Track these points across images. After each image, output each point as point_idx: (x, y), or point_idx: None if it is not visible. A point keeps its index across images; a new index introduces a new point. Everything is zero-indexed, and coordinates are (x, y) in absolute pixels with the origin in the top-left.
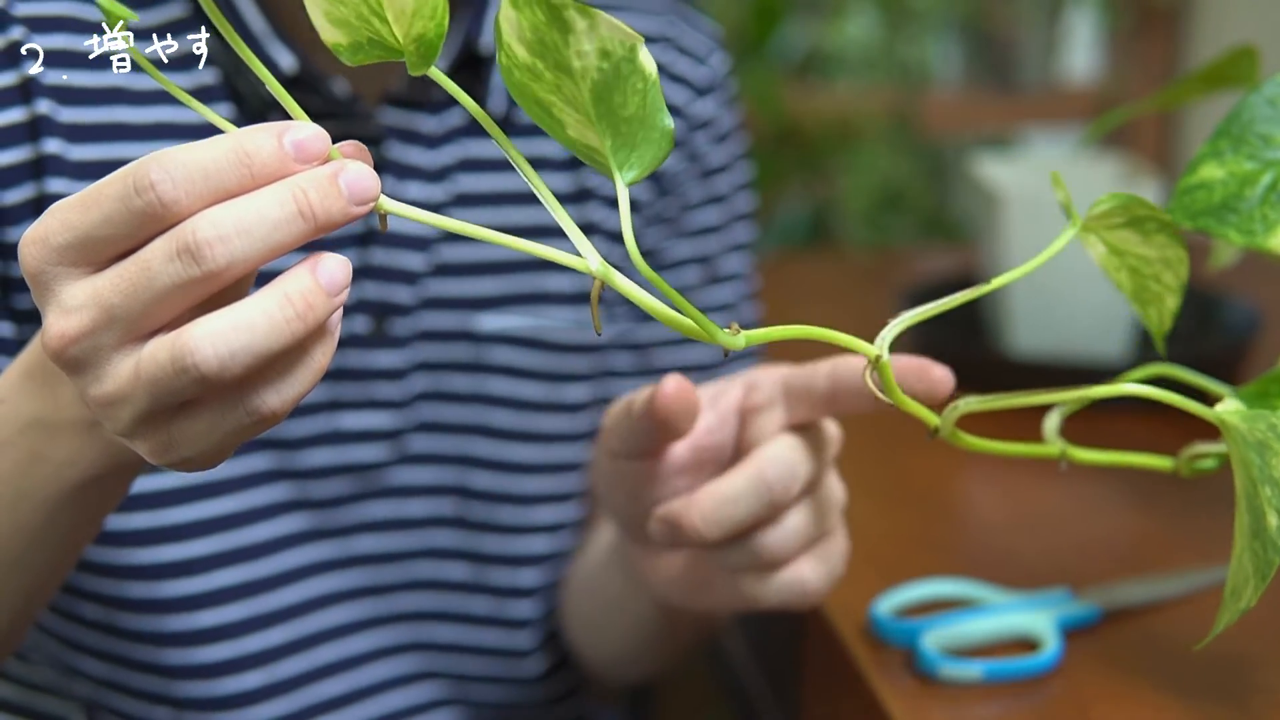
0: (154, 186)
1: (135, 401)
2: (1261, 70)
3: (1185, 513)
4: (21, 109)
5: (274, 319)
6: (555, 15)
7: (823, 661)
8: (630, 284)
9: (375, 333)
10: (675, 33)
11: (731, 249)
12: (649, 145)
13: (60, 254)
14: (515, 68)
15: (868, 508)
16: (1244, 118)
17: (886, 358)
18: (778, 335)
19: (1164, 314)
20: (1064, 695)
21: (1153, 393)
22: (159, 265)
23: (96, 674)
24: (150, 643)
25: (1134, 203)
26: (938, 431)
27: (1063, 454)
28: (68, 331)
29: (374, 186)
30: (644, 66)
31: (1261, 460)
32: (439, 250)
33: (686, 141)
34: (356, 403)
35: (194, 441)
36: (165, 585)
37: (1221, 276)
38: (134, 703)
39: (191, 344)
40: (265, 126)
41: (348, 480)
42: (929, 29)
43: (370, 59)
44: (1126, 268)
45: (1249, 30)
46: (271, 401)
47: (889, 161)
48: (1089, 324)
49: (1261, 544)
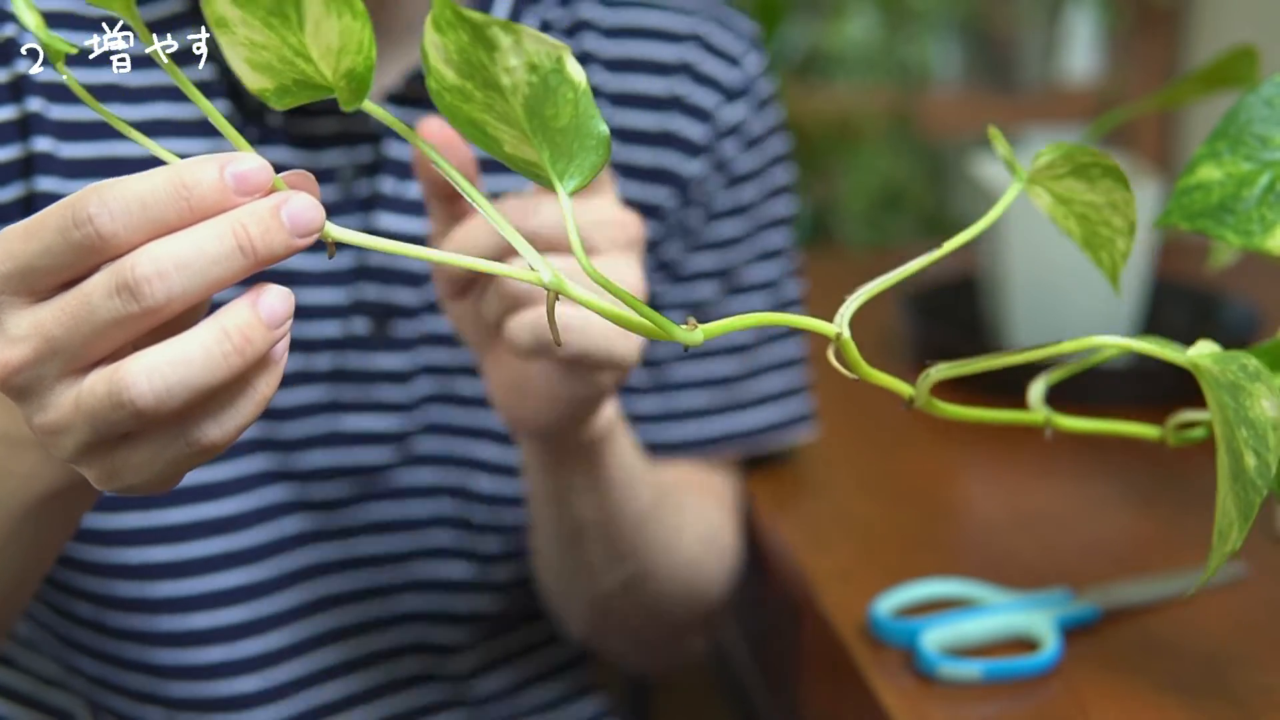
0: (92, 220)
1: (76, 432)
2: (1261, 70)
3: (1185, 513)
4: (12, 107)
5: (211, 353)
6: (479, 34)
7: (823, 661)
8: (584, 291)
9: (376, 334)
10: (705, 31)
11: (759, 258)
12: (586, 153)
13: (4, 283)
14: (445, 91)
15: (868, 508)
16: (1241, 118)
17: (846, 335)
18: (734, 325)
19: (1116, 256)
20: (1063, 695)
21: (1129, 344)
22: (99, 300)
23: (91, 672)
24: (140, 642)
25: (1076, 151)
26: (913, 402)
27: (1047, 421)
28: (11, 361)
29: (317, 218)
30: (572, 76)
31: (1235, 402)
32: None
33: (713, 148)
34: (358, 405)
35: (137, 470)
36: (156, 585)
37: (1220, 276)
38: (127, 702)
39: (128, 379)
40: (207, 158)
41: (349, 482)
42: (929, 29)
43: (299, 100)
44: (1074, 215)
45: (1249, 30)
46: (212, 433)
47: (889, 161)
48: (1087, 322)
49: (1242, 485)
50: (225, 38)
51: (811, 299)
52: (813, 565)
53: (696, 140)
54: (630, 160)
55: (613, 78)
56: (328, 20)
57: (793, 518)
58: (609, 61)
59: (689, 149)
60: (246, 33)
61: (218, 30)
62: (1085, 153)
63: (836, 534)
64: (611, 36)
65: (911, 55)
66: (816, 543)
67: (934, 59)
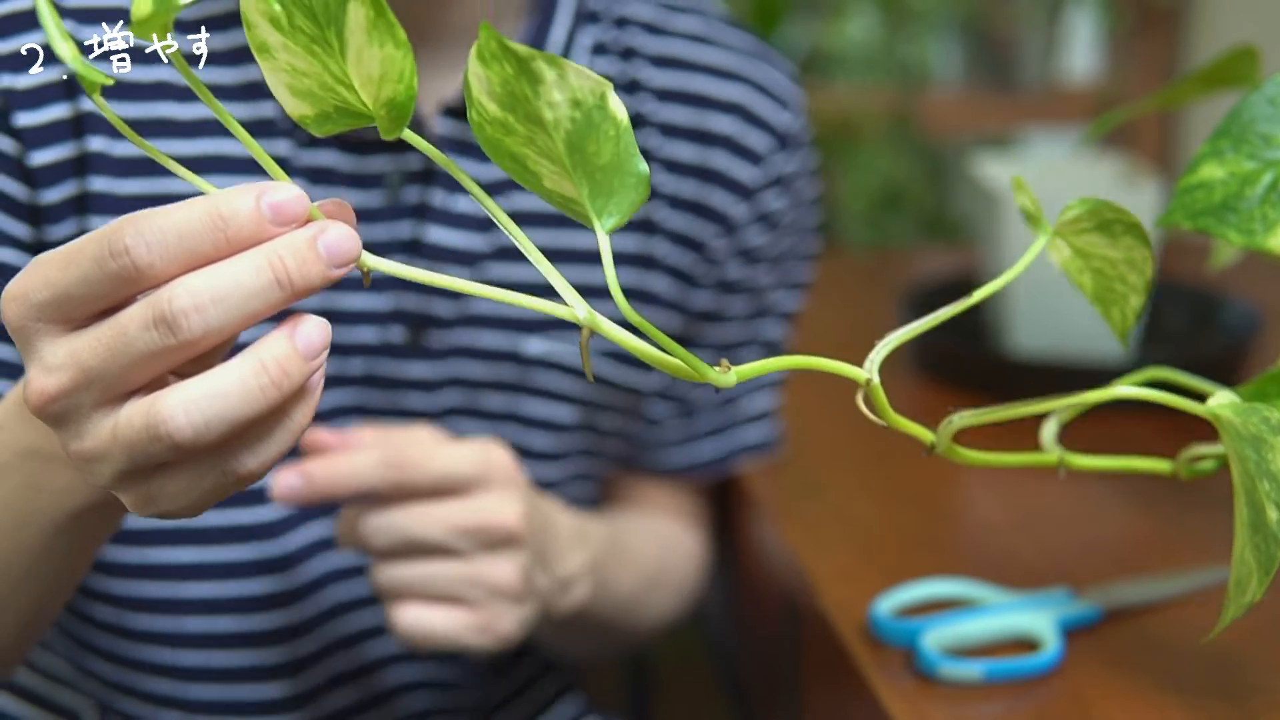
0: (129, 251)
1: (113, 461)
2: (1261, 70)
3: (1185, 512)
4: (66, 105)
5: (249, 386)
6: (524, 68)
7: (823, 661)
8: (617, 329)
9: (411, 343)
10: (755, 71)
11: (785, 287)
12: (625, 191)
13: (40, 310)
14: (486, 123)
15: (868, 508)
16: (1244, 117)
17: (876, 381)
18: (766, 368)
19: (1128, 313)
20: (1064, 695)
21: (1146, 394)
22: (135, 332)
23: (106, 675)
24: (165, 644)
25: (1102, 207)
26: (934, 448)
27: (1061, 461)
28: (48, 389)
29: (354, 248)
30: (615, 113)
31: (1257, 455)
32: (487, 267)
33: (760, 194)
34: (384, 410)
35: (173, 498)
36: (185, 586)
37: (1221, 276)
38: (143, 706)
39: (165, 413)
40: (244, 188)
41: None
42: (929, 29)
43: (339, 128)
44: (1091, 270)
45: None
46: (249, 463)
47: (889, 161)
48: (1089, 324)
49: (1263, 538)
50: (267, 64)
51: (812, 299)
52: (813, 565)
53: (746, 183)
54: (676, 192)
55: (661, 107)
56: (370, 49)
57: (793, 518)
58: (658, 91)
59: (739, 190)
60: (288, 59)
61: (260, 56)
62: (1110, 209)
63: (836, 534)
64: (660, 66)
65: (911, 55)
66: (816, 543)
67: (934, 59)
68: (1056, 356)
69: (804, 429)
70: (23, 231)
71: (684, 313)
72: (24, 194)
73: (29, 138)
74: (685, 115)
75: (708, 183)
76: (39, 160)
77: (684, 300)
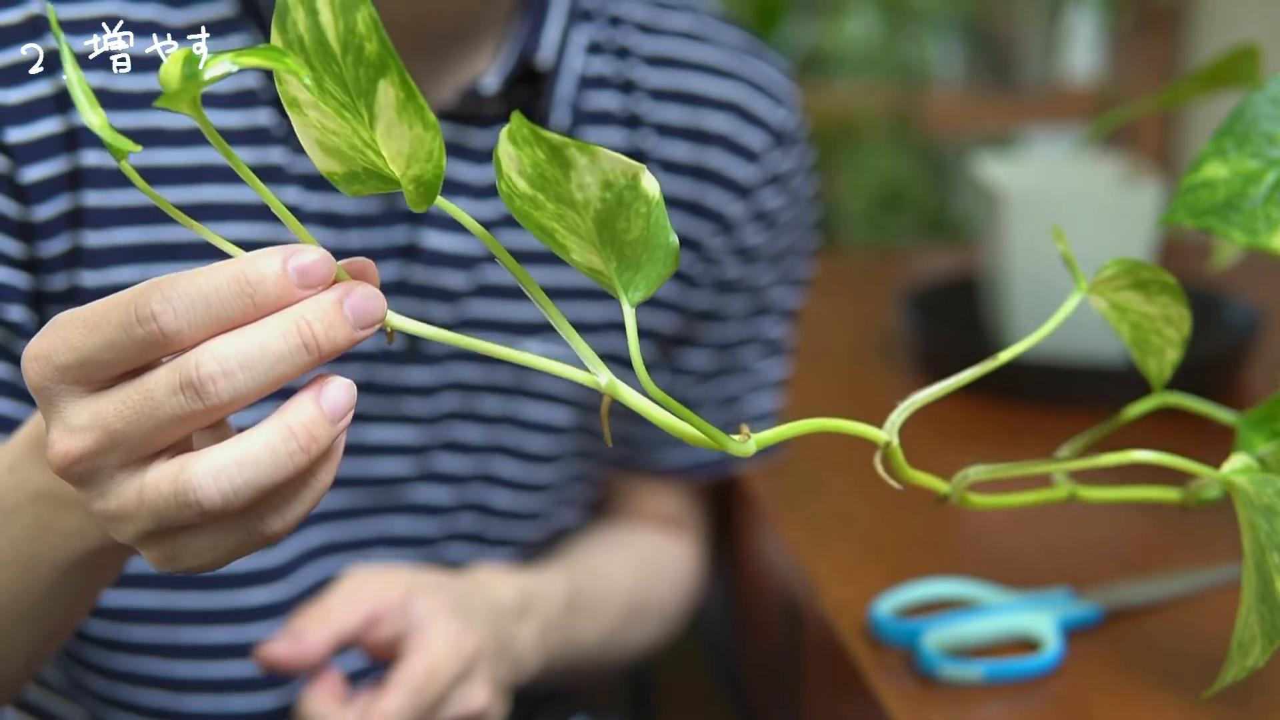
0: (156, 318)
1: (139, 522)
2: (1263, 69)
3: (1186, 513)
4: (58, 119)
5: (278, 453)
6: (556, 154)
7: (823, 662)
8: (637, 397)
9: (408, 348)
10: (750, 69)
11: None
12: (654, 265)
13: (62, 373)
14: (516, 197)
15: (868, 508)
16: (1248, 116)
17: (895, 443)
18: (788, 434)
19: (1164, 365)
20: (1065, 695)
21: (1160, 459)
22: (162, 397)
23: (99, 690)
24: (161, 655)
25: (1138, 267)
26: (947, 499)
27: (1071, 497)
28: (71, 451)
29: (380, 308)
30: (647, 191)
31: (1269, 525)
32: (483, 271)
33: (756, 192)
34: (383, 416)
35: (197, 555)
36: (180, 596)
37: (1222, 276)
38: (137, 719)
39: (195, 480)
40: (270, 252)
41: (367, 492)
42: (929, 29)
43: (367, 190)
44: (1128, 322)
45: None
46: (274, 524)
47: (889, 161)
48: (1089, 324)
49: (1269, 608)
50: (297, 118)
51: (812, 299)
52: (813, 565)
53: (742, 181)
54: (672, 191)
55: (657, 106)
56: (399, 127)
57: (793, 518)
58: (653, 90)
59: (735, 189)
60: (318, 117)
61: (290, 110)
62: (1147, 269)
63: (836, 534)
64: (654, 65)
65: (912, 55)
66: (816, 543)
67: (934, 59)
68: (1057, 357)
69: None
70: (14, 248)
71: (683, 313)
72: (16, 211)
73: (20, 153)
74: (680, 114)
75: (704, 182)
76: (30, 177)
77: (683, 300)
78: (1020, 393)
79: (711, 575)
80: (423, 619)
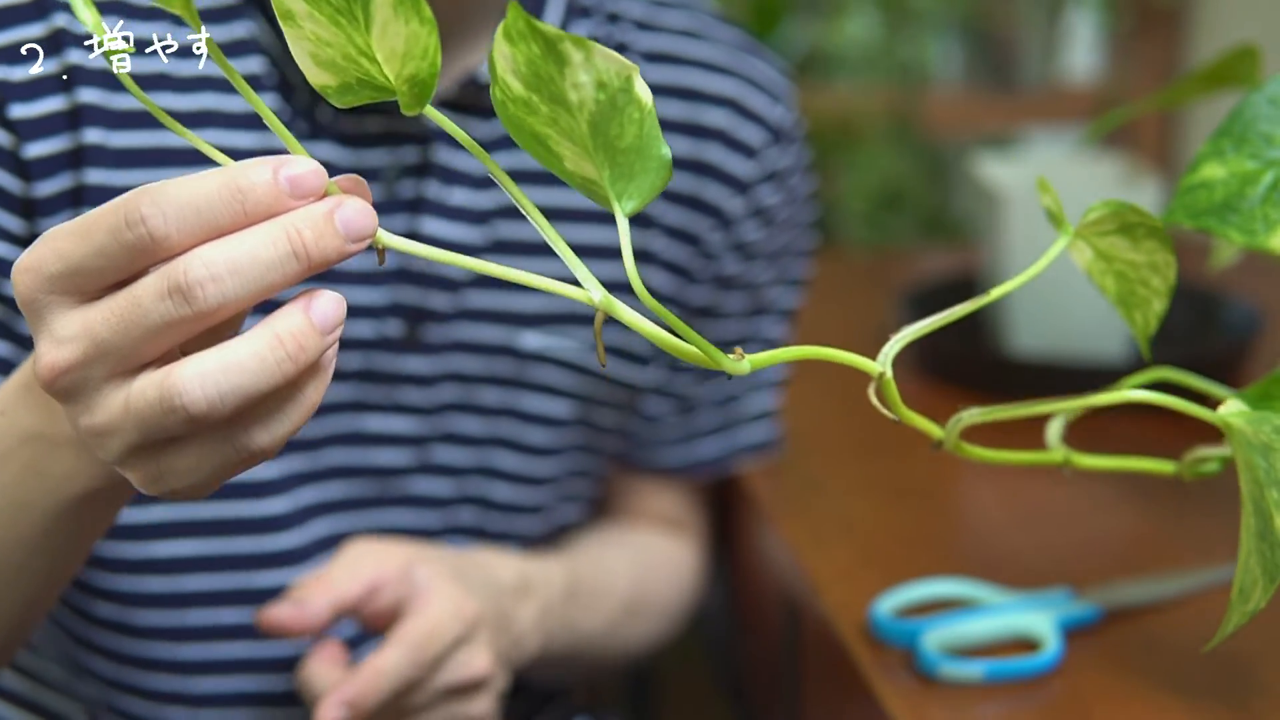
0: (145, 221)
1: (124, 434)
2: (1262, 70)
3: (1186, 512)
4: (62, 98)
5: (265, 360)
6: (551, 48)
7: (823, 661)
8: (633, 313)
9: (408, 337)
10: (746, 65)
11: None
12: (646, 175)
13: (52, 283)
14: (510, 101)
15: (868, 508)
16: (1246, 116)
17: (889, 374)
18: (781, 357)
19: (1150, 317)
20: (1065, 695)
21: (1155, 398)
22: (150, 303)
23: (106, 674)
24: (168, 638)
25: (1125, 209)
26: (942, 444)
27: (1066, 460)
28: (58, 363)
29: (371, 223)
30: (640, 96)
31: (1267, 463)
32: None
33: (755, 189)
34: (381, 406)
35: (183, 475)
36: (187, 579)
37: (1221, 276)
38: (146, 703)
39: (180, 385)
40: (260, 161)
41: (367, 483)
42: (929, 29)
43: (360, 100)
44: (1113, 272)
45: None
46: (261, 439)
47: (889, 161)
48: (1089, 324)
49: (1269, 545)
50: (291, 31)
51: (812, 299)
52: (813, 565)
53: (741, 176)
54: (671, 186)
55: (654, 102)
56: (395, 24)
57: (793, 518)
58: (651, 87)
59: (734, 184)
60: (313, 28)
61: (284, 23)
62: (1133, 212)
63: (836, 534)
64: (652, 61)
65: (912, 55)
66: (816, 543)
67: (934, 59)
68: (1057, 356)
69: (804, 429)
70: (16, 225)
71: (682, 308)
72: (18, 187)
73: (24, 130)
74: (678, 110)
75: (702, 176)
76: (34, 153)
77: (681, 295)
78: (1021, 393)
79: (711, 575)
80: (424, 584)
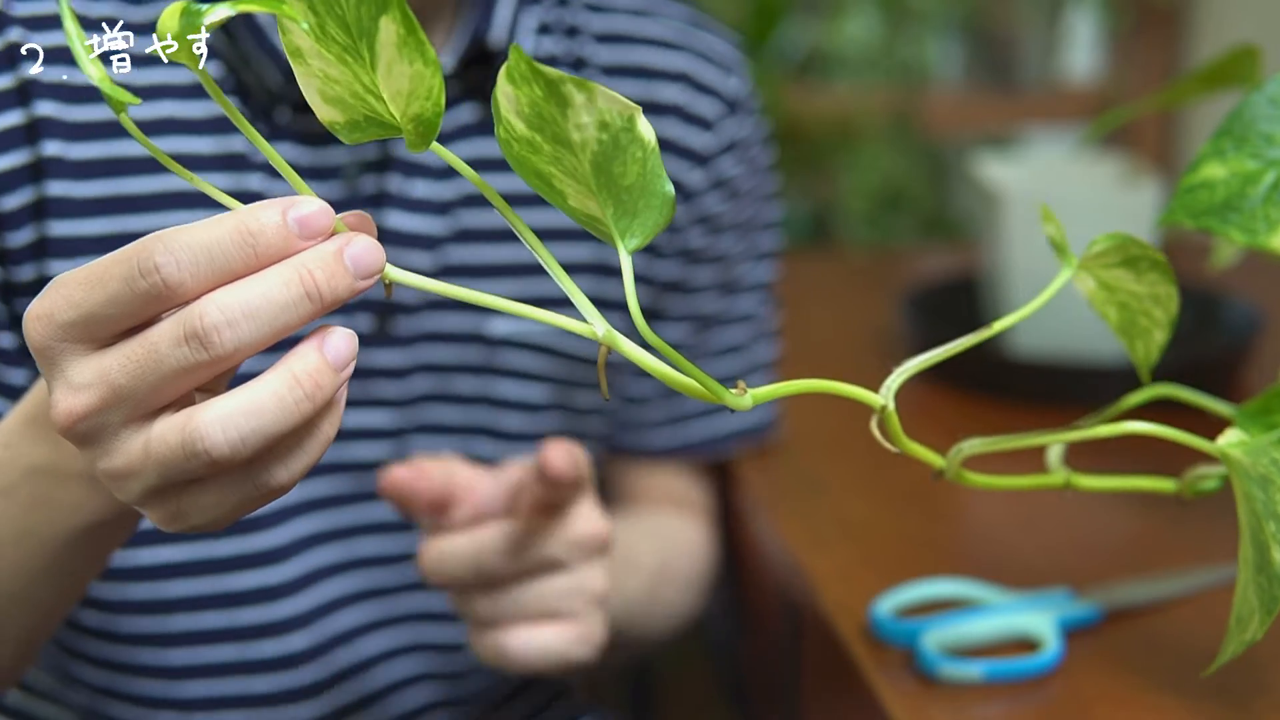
0: (159, 269)
1: (145, 478)
2: (1262, 70)
3: (1186, 513)
4: (19, 112)
5: (284, 401)
6: (553, 90)
7: (823, 661)
8: (635, 348)
9: (378, 331)
10: (697, 39)
11: (754, 259)
12: (650, 212)
13: (65, 331)
14: (514, 141)
15: (868, 508)
16: (1246, 116)
17: (891, 407)
18: (783, 391)
19: (1151, 347)
20: (1065, 696)
21: (1154, 430)
22: (166, 349)
23: (95, 681)
24: (153, 644)
25: (1129, 243)
26: (943, 474)
27: (1067, 483)
28: (75, 409)
29: (379, 259)
30: (643, 135)
31: (1265, 495)
32: (447, 251)
33: (714, 160)
34: (356, 400)
35: (203, 512)
36: (169, 585)
37: (1221, 276)
38: (136, 709)
39: (202, 429)
40: (269, 203)
41: (347, 479)
42: (929, 29)
43: (369, 136)
44: (1116, 303)
45: (1249, 30)
46: (280, 476)
47: (889, 161)
48: (1089, 324)
49: (1266, 579)
50: (300, 68)
51: (812, 299)
52: (813, 565)
53: (699, 149)
54: None
55: (609, 83)
56: (399, 64)
57: (793, 518)
58: (604, 67)
59: (692, 157)
60: (321, 65)
61: (293, 60)
62: (1136, 245)
63: (836, 534)
64: (604, 42)
65: (912, 55)
66: (816, 543)
67: (934, 59)
68: (1057, 357)
69: (804, 428)
70: None
71: (650, 284)
72: None
73: None
74: (633, 88)
75: (661, 153)
76: None
77: (649, 271)
78: (1020, 393)
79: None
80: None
